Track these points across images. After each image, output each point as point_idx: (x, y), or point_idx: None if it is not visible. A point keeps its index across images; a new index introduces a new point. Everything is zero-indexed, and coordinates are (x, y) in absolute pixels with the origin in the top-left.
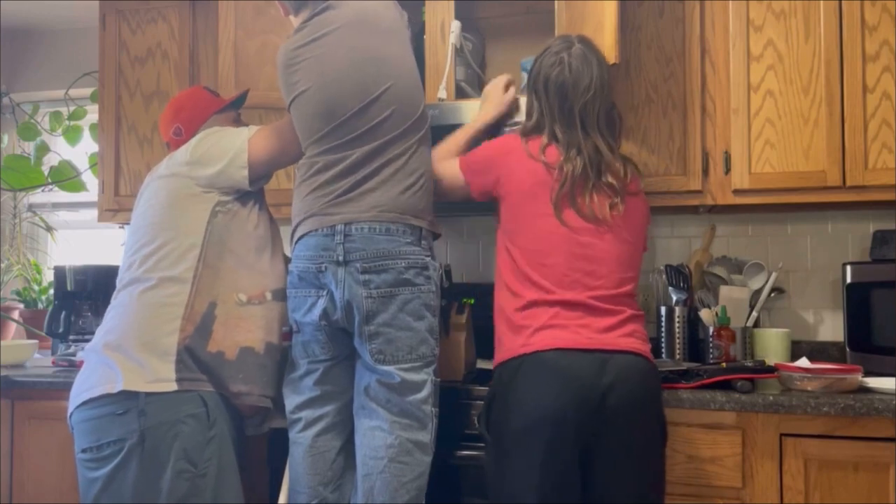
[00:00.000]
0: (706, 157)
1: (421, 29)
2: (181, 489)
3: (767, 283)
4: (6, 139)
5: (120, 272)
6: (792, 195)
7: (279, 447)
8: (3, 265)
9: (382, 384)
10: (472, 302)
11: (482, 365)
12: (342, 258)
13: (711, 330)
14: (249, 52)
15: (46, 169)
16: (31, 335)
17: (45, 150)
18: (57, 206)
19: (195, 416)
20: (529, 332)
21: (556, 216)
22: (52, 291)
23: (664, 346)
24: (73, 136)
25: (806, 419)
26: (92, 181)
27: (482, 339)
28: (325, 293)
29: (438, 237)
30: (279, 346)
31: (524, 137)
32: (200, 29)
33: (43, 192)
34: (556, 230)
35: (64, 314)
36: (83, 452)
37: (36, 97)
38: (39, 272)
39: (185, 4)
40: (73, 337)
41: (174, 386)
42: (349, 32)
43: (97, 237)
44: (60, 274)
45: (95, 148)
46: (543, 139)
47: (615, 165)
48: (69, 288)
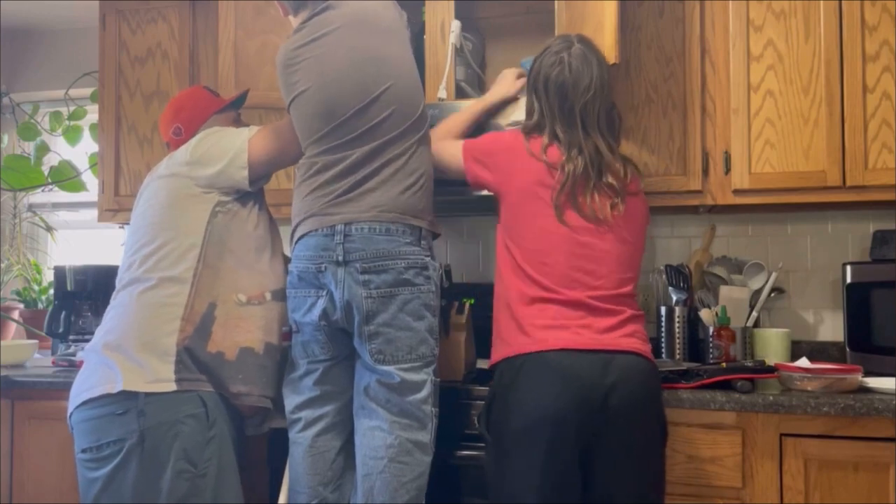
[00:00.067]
0: (706, 157)
1: (421, 29)
2: (181, 489)
3: (767, 283)
4: (6, 139)
5: (119, 272)
6: (792, 195)
7: (279, 447)
8: (3, 265)
9: (382, 384)
10: (472, 302)
11: (482, 365)
12: (342, 258)
13: (711, 330)
14: (249, 52)
15: (46, 169)
16: (31, 335)
17: (45, 150)
18: (57, 206)
19: (195, 416)
20: (532, 329)
21: (556, 216)
22: (52, 291)
23: (664, 346)
24: (73, 136)
25: (806, 419)
26: (92, 181)
27: (482, 339)
28: (324, 293)
29: (438, 237)
30: (279, 346)
31: (526, 136)
32: (200, 29)
33: (43, 192)
34: (556, 230)
35: (64, 314)
36: (83, 452)
37: (36, 97)
38: (39, 272)
39: (185, 4)
40: (73, 337)
41: (174, 386)
42: (349, 32)
43: (97, 237)
44: (60, 274)
45: (95, 148)
46: (544, 139)
47: (615, 166)
48: (69, 288)
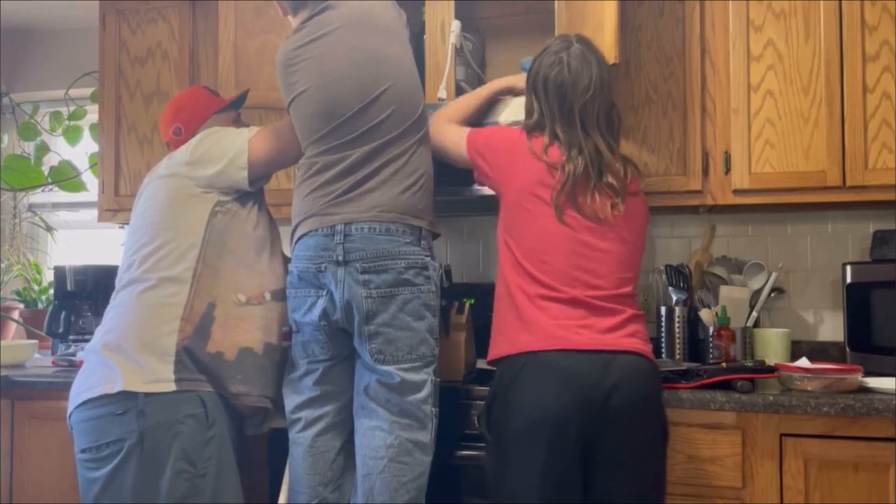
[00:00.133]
0: (706, 157)
1: (421, 29)
2: (180, 489)
3: (767, 283)
4: (6, 139)
5: (119, 272)
6: (792, 195)
7: (279, 447)
8: (3, 265)
9: (382, 384)
10: (472, 302)
11: (482, 365)
12: (342, 258)
13: (711, 330)
14: (249, 52)
15: (46, 169)
16: (31, 335)
17: (45, 150)
18: (57, 206)
19: (194, 416)
20: (533, 327)
21: (556, 216)
22: (52, 291)
23: (664, 346)
24: (73, 136)
25: (806, 419)
26: (92, 181)
27: (482, 339)
28: (324, 293)
29: (438, 237)
30: (278, 346)
31: (528, 135)
32: (200, 29)
33: (43, 192)
34: (556, 229)
35: (64, 314)
36: (83, 453)
37: (36, 97)
38: (39, 272)
39: (185, 4)
40: (73, 337)
41: (173, 386)
42: (348, 32)
43: (97, 237)
44: (60, 274)
45: (95, 148)
46: (545, 139)
47: (615, 166)
48: (69, 288)
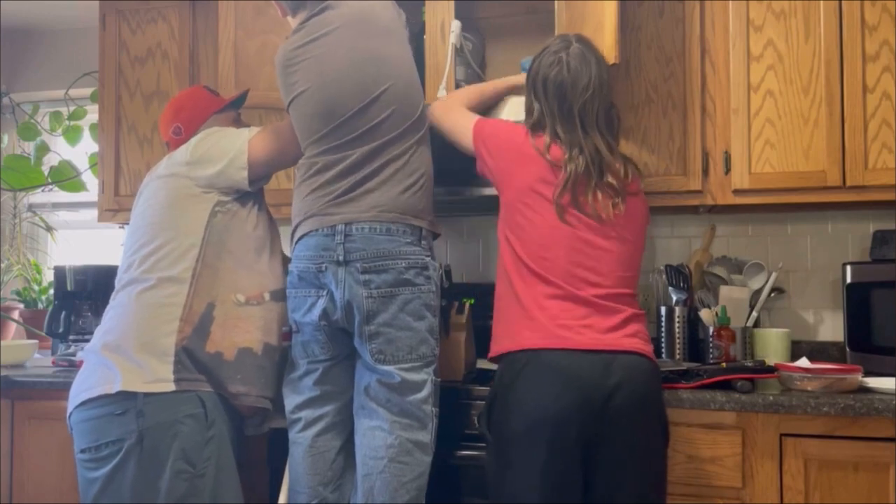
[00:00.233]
0: (706, 157)
1: (421, 29)
2: (180, 489)
3: (767, 283)
4: (6, 139)
5: (119, 272)
6: (792, 195)
7: (279, 447)
8: (3, 265)
9: (382, 384)
10: (472, 302)
11: (482, 365)
12: (342, 258)
13: (711, 330)
14: (249, 52)
15: (46, 169)
16: (31, 335)
17: (45, 150)
18: (57, 206)
19: (193, 416)
20: (534, 325)
21: (558, 214)
22: (52, 291)
23: (664, 346)
24: (73, 136)
25: (806, 419)
26: (92, 181)
27: (482, 339)
28: (325, 293)
29: (438, 237)
30: (278, 346)
31: (531, 133)
32: (200, 29)
33: (43, 192)
34: (557, 228)
35: (64, 314)
36: (82, 453)
37: (36, 97)
38: (39, 272)
39: (185, 4)
40: (73, 337)
41: (172, 386)
42: (348, 32)
43: (97, 237)
44: (60, 274)
45: (95, 148)
46: (546, 138)
47: (615, 165)
48: (69, 288)
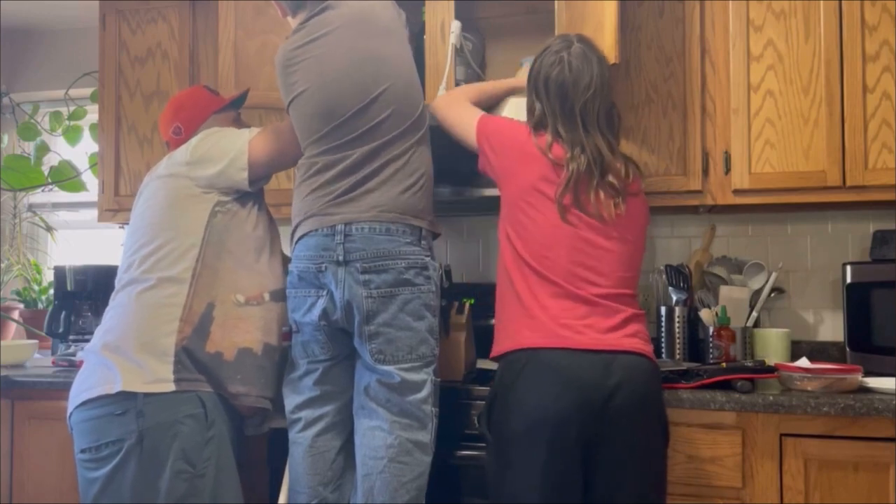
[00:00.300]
0: (706, 157)
1: (421, 29)
2: (179, 489)
3: (767, 283)
4: (6, 139)
5: (119, 273)
6: (792, 195)
7: (279, 447)
8: (3, 265)
9: (382, 384)
10: (472, 302)
11: (482, 365)
12: (342, 258)
13: (711, 330)
14: (249, 52)
15: (46, 169)
16: (31, 335)
17: (45, 150)
18: (57, 206)
19: (193, 416)
20: (536, 323)
21: (559, 213)
22: (52, 291)
23: (664, 346)
24: (73, 136)
25: (806, 419)
26: (92, 181)
27: (482, 339)
28: (324, 293)
29: (438, 237)
30: (278, 346)
31: (534, 132)
32: (200, 29)
33: (43, 192)
34: (559, 227)
35: (64, 314)
36: (82, 453)
37: (36, 97)
38: (39, 272)
39: (185, 4)
40: (73, 337)
41: (172, 386)
42: (348, 33)
43: (97, 237)
44: (60, 274)
45: (95, 148)
46: (548, 137)
47: (616, 165)
48: (69, 288)
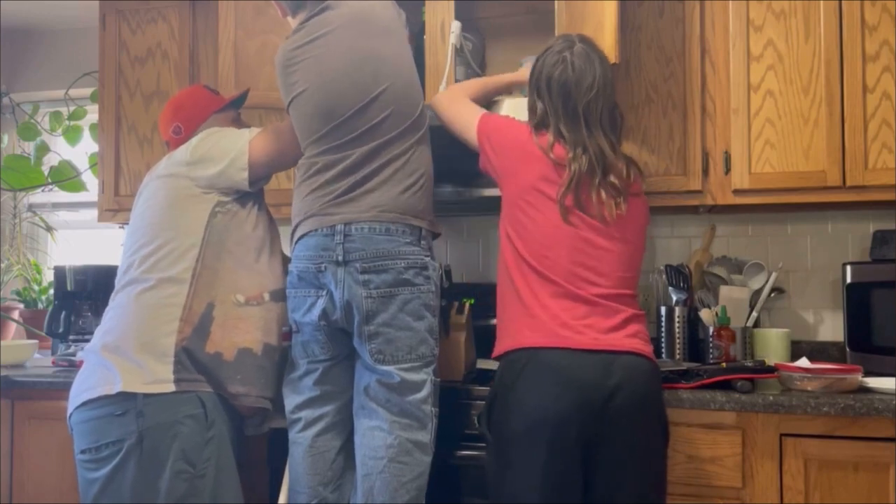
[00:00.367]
0: (706, 157)
1: (421, 29)
2: (179, 490)
3: (767, 283)
4: (6, 139)
5: (119, 273)
6: (792, 195)
7: (279, 447)
8: (3, 265)
9: (382, 384)
10: (472, 302)
11: (482, 365)
12: (342, 258)
13: (711, 330)
14: (249, 52)
15: (46, 169)
16: (31, 335)
17: (45, 150)
18: (57, 206)
19: (193, 416)
20: (536, 322)
21: (560, 213)
22: (52, 291)
23: (664, 346)
24: (73, 136)
25: (806, 419)
26: (92, 181)
27: (482, 339)
28: (324, 293)
29: (438, 237)
30: (278, 347)
31: (535, 132)
32: (200, 29)
33: (43, 192)
34: (559, 226)
35: (64, 314)
36: (82, 453)
37: (36, 97)
38: (39, 272)
39: (185, 4)
40: (73, 337)
41: (172, 387)
42: (347, 33)
43: (97, 237)
44: (60, 274)
45: (95, 148)
46: (549, 136)
47: (618, 165)
48: (69, 288)
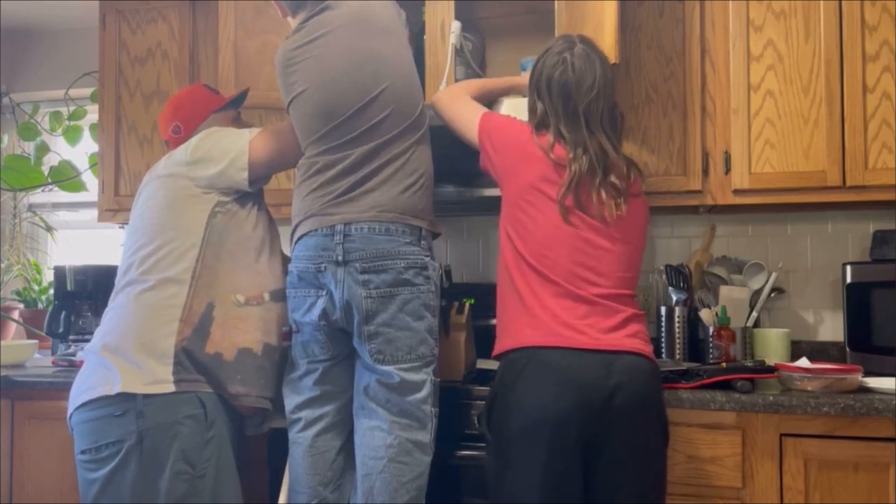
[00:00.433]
0: (706, 157)
1: (421, 29)
2: (179, 490)
3: (767, 283)
4: (6, 139)
5: (118, 273)
6: (792, 195)
7: (279, 447)
8: (3, 265)
9: (382, 384)
10: (472, 302)
11: (482, 365)
12: (342, 258)
13: (711, 330)
14: (249, 52)
15: (46, 169)
16: (31, 335)
17: (45, 150)
18: (57, 206)
19: (193, 417)
20: (536, 322)
21: (561, 214)
22: (52, 291)
23: (664, 346)
24: (73, 136)
25: (806, 419)
26: (92, 181)
27: (482, 339)
28: (324, 293)
29: (438, 237)
30: (278, 347)
31: (535, 132)
32: (200, 29)
33: (43, 192)
34: (559, 227)
35: (64, 314)
36: (82, 454)
37: (36, 97)
38: (39, 272)
39: (185, 4)
40: (73, 337)
41: (172, 387)
42: (347, 33)
43: (97, 237)
44: (60, 274)
45: (95, 148)
46: (550, 137)
47: (619, 166)
48: (69, 288)
